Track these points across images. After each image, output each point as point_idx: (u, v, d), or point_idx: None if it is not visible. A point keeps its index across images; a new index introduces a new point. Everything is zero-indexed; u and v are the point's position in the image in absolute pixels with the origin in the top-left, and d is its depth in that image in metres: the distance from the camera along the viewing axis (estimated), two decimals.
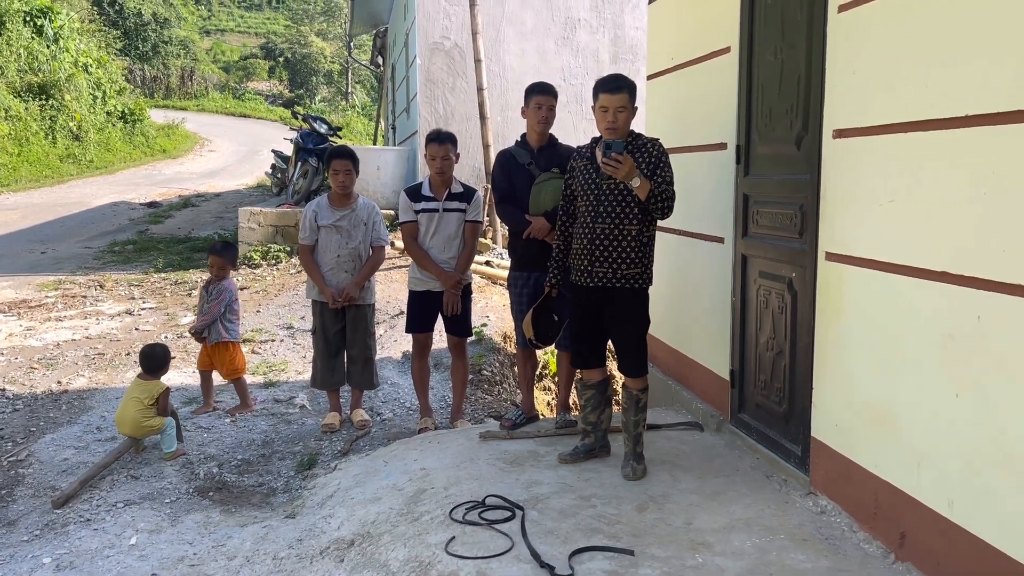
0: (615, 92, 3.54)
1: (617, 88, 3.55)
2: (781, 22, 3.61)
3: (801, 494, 3.39)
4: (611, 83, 3.58)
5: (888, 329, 2.88)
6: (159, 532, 3.70)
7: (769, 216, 3.74)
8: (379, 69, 21.45)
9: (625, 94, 3.55)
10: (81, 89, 22.49)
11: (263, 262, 9.48)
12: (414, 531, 3.26)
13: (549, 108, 4.34)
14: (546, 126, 4.37)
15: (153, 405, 4.48)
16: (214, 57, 49.27)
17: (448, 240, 4.71)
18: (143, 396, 4.48)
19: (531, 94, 4.37)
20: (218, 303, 5.20)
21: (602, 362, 3.83)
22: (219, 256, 5.29)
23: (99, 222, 13.94)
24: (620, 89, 3.55)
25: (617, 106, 3.53)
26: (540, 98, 4.33)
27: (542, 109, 4.33)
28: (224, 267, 5.30)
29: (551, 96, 4.37)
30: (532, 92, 4.37)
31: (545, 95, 4.35)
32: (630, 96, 3.56)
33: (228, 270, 5.35)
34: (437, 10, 10.77)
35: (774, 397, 3.74)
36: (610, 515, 3.25)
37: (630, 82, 3.60)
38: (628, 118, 3.58)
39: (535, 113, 4.34)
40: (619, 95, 3.54)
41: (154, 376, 4.64)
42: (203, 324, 5.22)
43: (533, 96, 4.35)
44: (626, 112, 3.56)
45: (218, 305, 5.20)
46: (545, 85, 4.42)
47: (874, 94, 2.93)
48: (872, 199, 2.94)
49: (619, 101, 3.53)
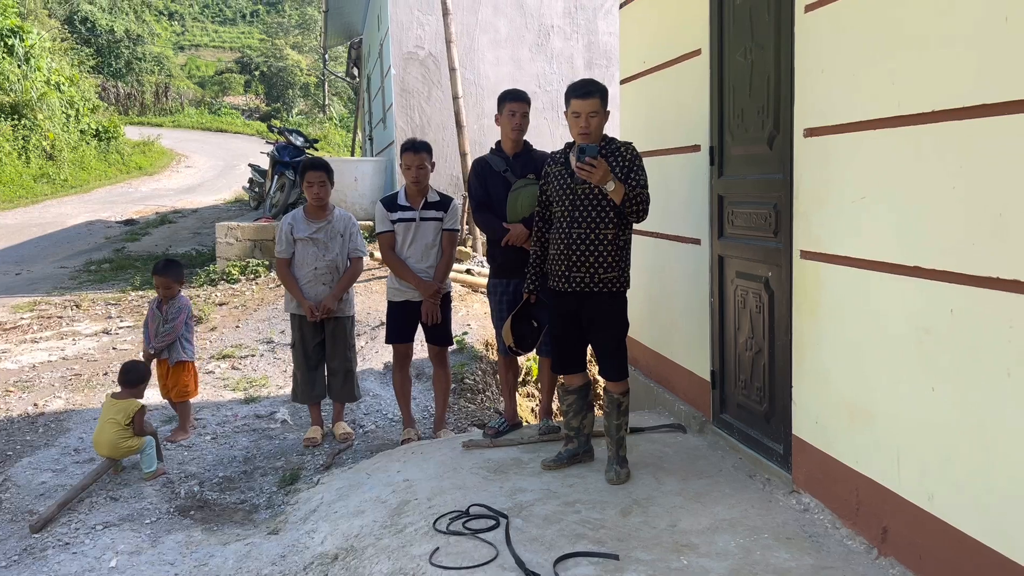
0: (587, 97, 3.55)
1: (588, 93, 3.55)
2: (750, 23, 3.63)
3: (784, 492, 3.40)
4: (582, 88, 3.58)
5: (864, 325, 2.89)
6: (139, 554, 3.65)
7: (744, 216, 3.75)
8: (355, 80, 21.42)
9: (597, 99, 3.55)
10: (54, 108, 22.29)
11: (242, 277, 9.41)
12: (398, 543, 3.23)
13: (523, 115, 4.35)
14: (520, 133, 4.37)
15: (129, 425, 4.42)
16: (189, 72, 49.01)
17: (426, 249, 4.70)
18: (119, 416, 4.41)
19: (504, 101, 4.37)
20: (180, 321, 5.02)
21: (583, 367, 3.83)
22: (162, 275, 5.03)
23: (75, 241, 13.80)
24: (592, 94, 3.55)
25: (589, 111, 3.54)
26: (513, 105, 4.34)
27: (516, 116, 4.33)
28: (170, 286, 5.04)
29: (524, 103, 4.37)
30: (505, 99, 4.37)
31: (518, 102, 4.35)
32: (602, 101, 3.57)
33: (176, 288, 5.09)
34: (410, 20, 10.78)
35: (755, 397, 3.75)
36: (594, 520, 3.24)
37: (602, 87, 3.60)
38: (601, 123, 3.59)
39: (509, 120, 4.34)
40: (591, 100, 3.54)
41: (132, 391, 4.57)
42: (164, 344, 4.98)
43: (506, 103, 4.35)
44: (598, 116, 3.56)
45: (180, 324, 5.02)
46: (518, 92, 4.42)
47: (842, 92, 2.95)
48: (844, 196, 2.96)
49: (591, 106, 3.54)
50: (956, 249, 2.43)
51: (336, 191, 5.05)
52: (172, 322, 5.02)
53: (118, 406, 4.46)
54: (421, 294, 4.67)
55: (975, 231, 2.35)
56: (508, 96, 4.38)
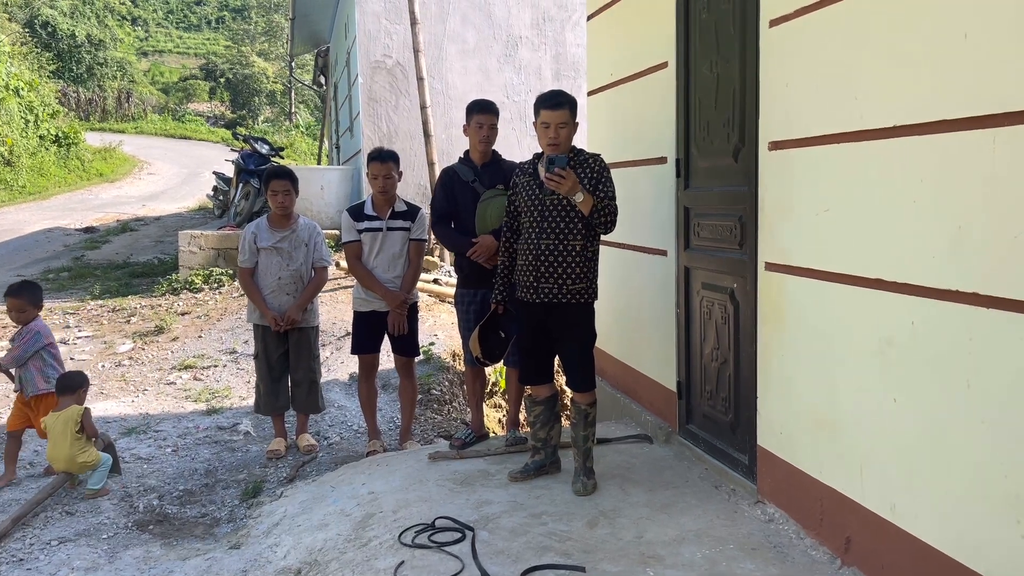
0: (556, 108, 3.55)
1: (558, 104, 3.56)
2: (716, 37, 3.67)
3: (749, 503, 3.42)
4: (552, 99, 3.59)
5: (827, 336, 2.92)
6: (96, 570, 3.56)
7: (710, 228, 3.78)
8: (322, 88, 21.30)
9: (566, 110, 3.56)
10: (12, 113, 21.82)
11: (205, 286, 9.27)
12: (362, 557, 3.19)
13: (491, 127, 4.34)
14: (488, 145, 4.37)
15: (80, 432, 4.29)
16: (152, 79, 48.32)
17: (393, 259, 4.67)
18: (68, 426, 4.27)
19: (471, 113, 4.36)
20: (20, 347, 4.51)
21: (550, 378, 3.82)
22: (15, 297, 4.56)
23: (32, 249, 13.49)
24: (561, 105, 3.56)
25: (559, 122, 3.54)
26: (481, 117, 4.33)
27: (483, 128, 4.32)
28: (24, 309, 4.56)
29: (492, 115, 4.36)
30: (472, 111, 4.37)
31: (485, 114, 4.35)
32: (571, 112, 3.58)
33: (31, 312, 4.59)
34: (378, 29, 10.74)
35: (720, 407, 3.77)
36: (561, 532, 3.23)
37: (571, 98, 3.61)
38: (570, 133, 3.59)
39: (476, 132, 4.33)
40: (560, 111, 3.55)
41: (72, 398, 4.40)
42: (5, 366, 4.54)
43: (474, 115, 4.34)
44: (568, 128, 3.57)
45: (20, 349, 4.50)
46: (485, 103, 4.41)
47: (806, 106, 2.99)
48: (808, 209, 2.99)
49: (560, 117, 3.55)
50: (917, 262, 2.46)
51: (302, 199, 5.01)
52: (15, 346, 4.54)
53: (63, 417, 4.32)
54: (387, 304, 4.63)
55: (935, 245, 2.38)
56: (475, 108, 4.37)
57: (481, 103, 4.41)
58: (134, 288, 9.94)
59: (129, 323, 8.21)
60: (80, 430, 4.29)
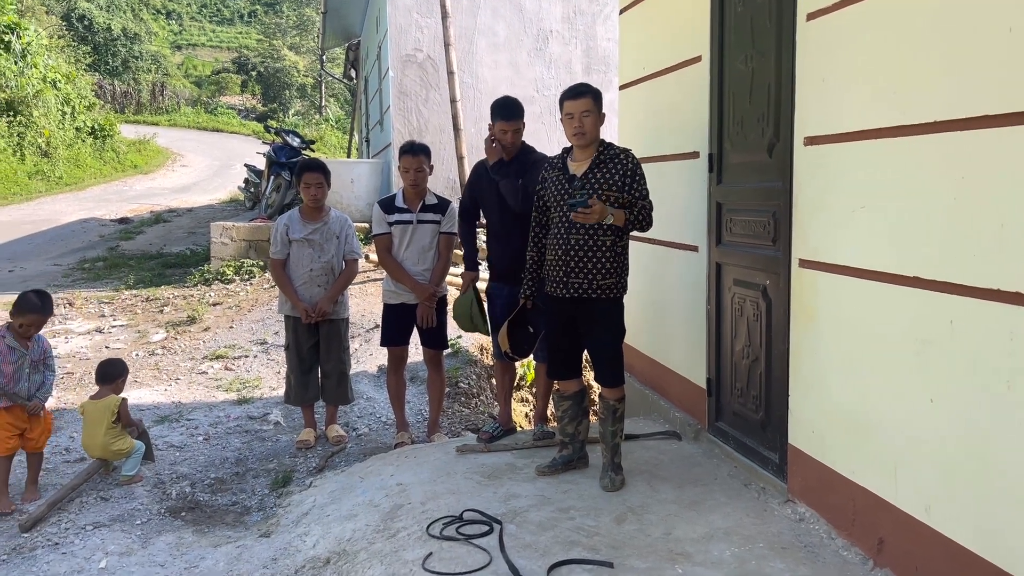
0: (577, 97, 3.57)
1: (580, 93, 3.58)
2: (751, 30, 3.63)
3: (779, 502, 3.39)
4: (573, 90, 3.62)
5: (862, 335, 2.88)
6: (130, 555, 3.62)
7: (742, 224, 3.74)
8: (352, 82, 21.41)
9: (588, 99, 3.56)
10: (50, 105, 22.20)
11: (236, 277, 9.37)
12: (391, 548, 3.21)
13: (514, 132, 4.24)
14: (512, 148, 4.29)
15: (117, 422, 4.37)
16: (186, 72, 48.91)
17: (422, 252, 4.68)
18: (105, 415, 4.35)
19: (494, 117, 4.25)
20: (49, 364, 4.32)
21: (578, 373, 3.81)
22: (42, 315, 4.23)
23: (68, 239, 13.73)
24: (583, 94, 3.57)
25: (581, 110, 3.54)
26: (505, 124, 4.20)
27: (507, 135, 4.24)
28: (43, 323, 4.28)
29: (515, 121, 4.23)
30: (494, 116, 4.25)
31: (509, 121, 4.21)
32: (594, 100, 3.57)
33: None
34: (409, 23, 10.77)
35: (751, 405, 3.73)
36: (589, 527, 3.22)
37: (594, 89, 3.62)
38: (595, 122, 3.58)
39: (501, 138, 4.25)
40: (582, 99, 3.56)
41: (111, 387, 4.47)
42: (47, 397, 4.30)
43: (497, 122, 4.24)
44: (591, 116, 3.56)
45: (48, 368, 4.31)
46: (508, 109, 4.23)
47: (843, 101, 2.94)
48: (844, 205, 2.95)
49: (582, 105, 3.55)
50: (956, 260, 2.42)
51: (332, 192, 5.03)
52: (50, 368, 4.33)
53: (99, 406, 4.38)
54: (417, 297, 4.65)
55: (976, 242, 2.34)
56: (497, 113, 4.23)
57: (504, 108, 4.23)
58: (167, 278, 10.08)
59: (162, 313, 8.32)
60: (116, 420, 4.36)
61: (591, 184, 3.54)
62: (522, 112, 4.30)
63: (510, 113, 4.24)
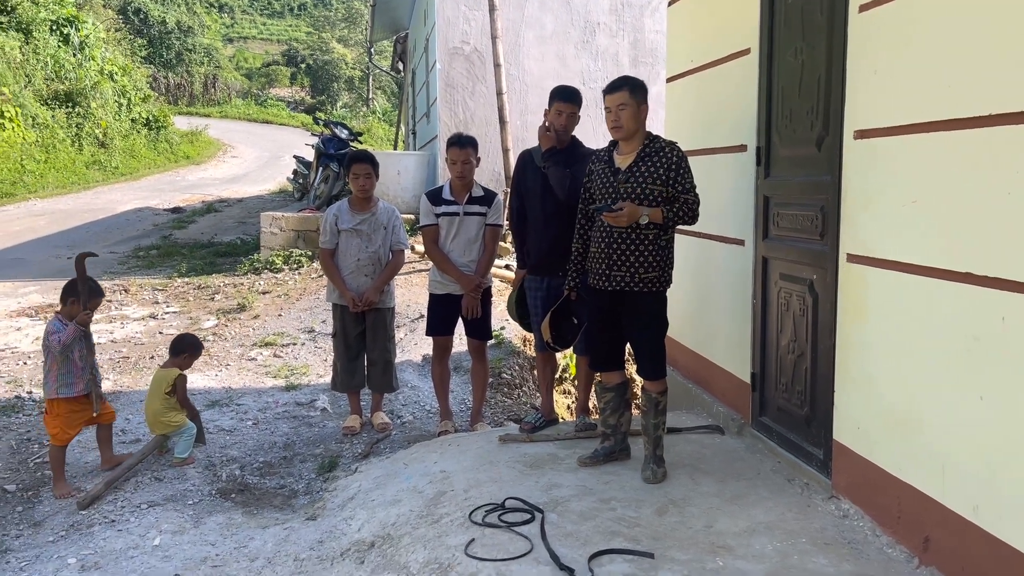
0: (613, 91, 3.59)
1: (616, 87, 3.60)
2: (801, 23, 3.59)
3: (823, 498, 3.36)
4: (610, 84, 3.64)
5: (911, 331, 2.85)
6: (182, 533, 3.74)
7: (790, 218, 3.72)
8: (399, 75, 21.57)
9: (624, 92, 3.56)
10: (106, 96, 22.81)
11: (285, 266, 9.55)
12: (434, 533, 3.27)
13: (570, 115, 4.29)
14: (566, 132, 4.33)
15: (170, 394, 4.50)
16: (237, 64, 49.73)
17: (468, 243, 4.73)
18: (160, 384, 4.52)
19: (553, 99, 4.32)
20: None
21: (621, 365, 3.82)
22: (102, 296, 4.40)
23: (124, 228, 14.11)
24: (619, 88, 3.58)
25: (617, 104, 3.56)
26: (561, 104, 4.27)
27: (563, 116, 4.28)
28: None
29: (573, 104, 4.28)
30: (554, 98, 4.32)
31: (567, 102, 4.27)
32: (631, 93, 3.57)
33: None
34: (457, 15, 10.82)
35: (795, 400, 3.71)
36: (630, 518, 3.24)
37: (633, 81, 3.62)
38: (633, 115, 3.57)
39: (556, 118, 4.30)
40: (617, 93, 3.57)
41: (175, 360, 4.65)
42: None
43: (555, 102, 4.30)
44: (628, 109, 3.56)
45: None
46: (568, 91, 4.32)
47: (895, 94, 2.91)
48: (894, 200, 2.92)
49: (618, 99, 3.56)
50: (1009, 256, 2.38)
51: (379, 184, 5.11)
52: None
53: (160, 374, 4.59)
54: (462, 288, 4.70)
55: None
56: (557, 94, 4.30)
57: (566, 91, 4.32)
58: (218, 267, 10.31)
59: (213, 300, 8.52)
60: (171, 392, 4.52)
61: (635, 177, 3.55)
62: (580, 100, 4.33)
63: (569, 96, 4.29)
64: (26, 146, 18.71)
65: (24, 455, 4.68)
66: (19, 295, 8.97)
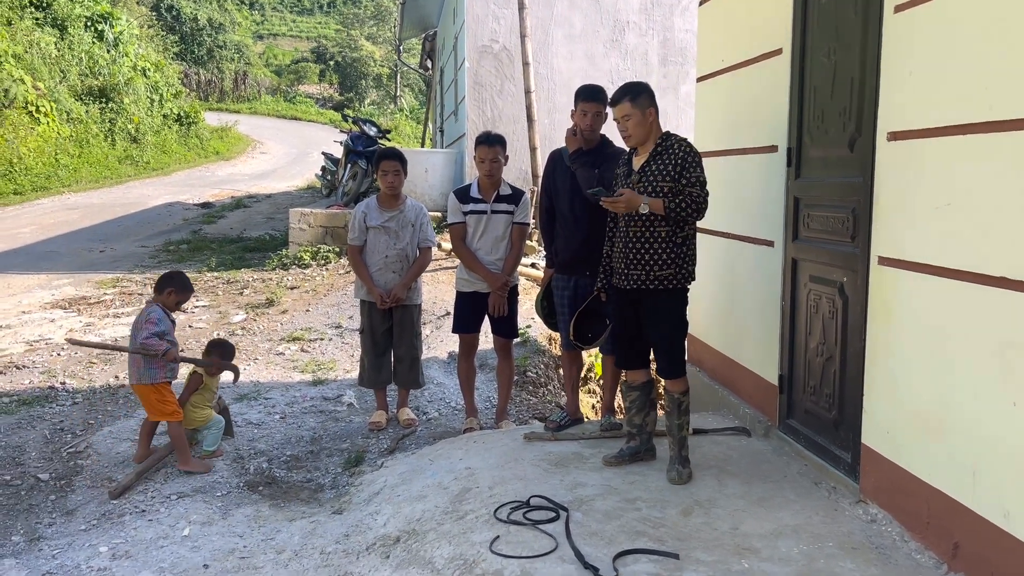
0: (615, 104, 3.68)
1: (615, 100, 3.68)
2: (835, 23, 3.56)
3: (850, 502, 3.34)
4: (612, 98, 3.71)
5: (943, 335, 2.82)
6: (211, 524, 3.79)
7: (820, 219, 3.69)
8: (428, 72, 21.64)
9: (624, 103, 3.62)
10: (139, 92, 23.13)
11: (313, 262, 9.63)
12: (459, 529, 3.28)
13: (595, 114, 4.27)
14: (592, 132, 4.32)
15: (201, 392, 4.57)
16: (266, 61, 50.18)
17: (496, 242, 4.74)
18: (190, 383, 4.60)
19: (578, 99, 4.31)
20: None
21: (645, 364, 3.82)
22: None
23: (155, 222, 14.30)
24: (618, 101, 3.66)
25: (621, 115, 3.64)
26: (586, 105, 4.25)
27: (588, 116, 4.26)
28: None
29: (598, 103, 4.26)
30: (578, 97, 4.31)
31: (591, 102, 4.25)
32: (632, 102, 3.60)
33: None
34: (486, 13, 10.84)
35: (824, 403, 3.68)
36: (655, 518, 3.24)
37: (633, 89, 3.65)
38: (639, 122, 3.61)
39: (580, 119, 4.29)
40: (618, 106, 3.65)
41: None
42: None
43: (579, 102, 4.28)
44: (633, 118, 3.61)
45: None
46: (592, 90, 4.30)
47: (931, 96, 2.87)
48: (928, 203, 2.89)
49: (621, 111, 3.64)
50: None
51: (407, 181, 5.14)
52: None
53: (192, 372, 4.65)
54: (489, 286, 4.72)
55: None
56: (581, 94, 4.30)
57: (588, 89, 4.31)
58: (247, 262, 10.42)
59: (242, 295, 8.61)
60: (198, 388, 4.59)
61: (647, 176, 3.58)
62: (605, 97, 4.29)
63: (593, 94, 4.28)
64: (60, 140, 19.03)
65: (57, 444, 4.77)
66: (53, 287, 9.14)
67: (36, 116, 18.26)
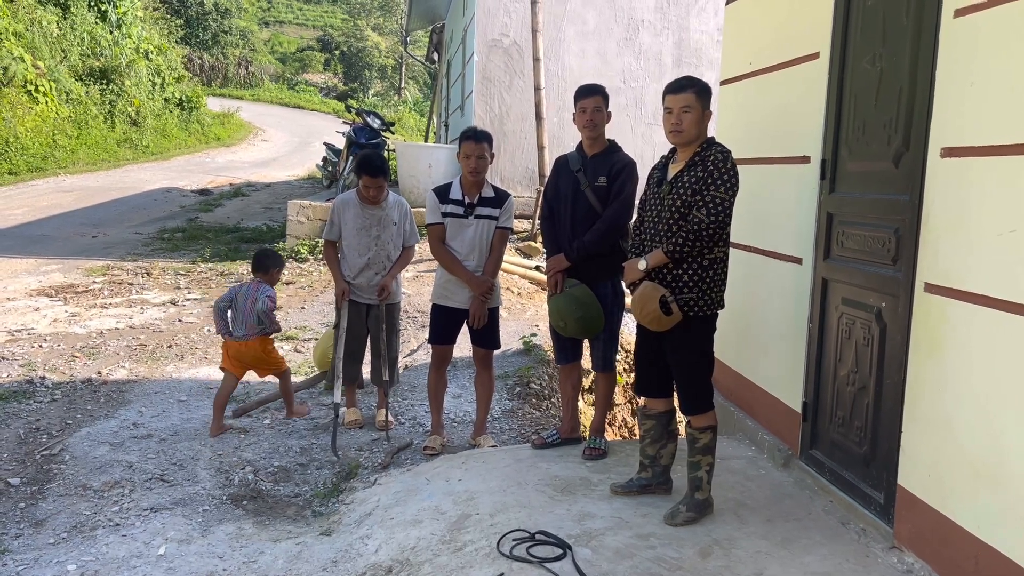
0: (678, 92, 3.30)
1: (681, 88, 3.30)
2: (882, 27, 3.28)
3: (883, 547, 3.08)
4: (676, 83, 3.35)
5: (998, 372, 2.56)
6: (189, 543, 3.53)
7: (857, 238, 3.42)
8: (434, 65, 21.36)
9: (690, 94, 3.27)
10: (141, 75, 22.77)
11: (310, 256, 9.34)
12: (457, 563, 3.02)
13: (594, 109, 4.02)
14: (593, 129, 4.06)
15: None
16: (271, 48, 49.79)
17: (473, 246, 4.44)
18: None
19: (575, 99, 4.09)
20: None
21: (668, 393, 3.53)
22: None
23: (150, 208, 14.00)
24: (684, 88, 3.29)
25: (681, 106, 3.27)
26: (584, 101, 4.03)
27: (586, 112, 4.02)
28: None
29: (595, 96, 4.03)
30: (576, 97, 4.09)
31: (588, 97, 4.03)
32: (697, 96, 3.28)
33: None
34: (497, 7, 10.55)
35: (853, 436, 3.42)
36: (671, 559, 2.97)
37: (700, 83, 3.33)
38: (696, 120, 3.28)
39: (580, 117, 4.05)
40: (683, 94, 3.28)
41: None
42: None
43: (577, 100, 4.07)
44: (693, 113, 3.27)
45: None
46: (588, 87, 4.09)
47: (995, 109, 2.60)
48: (987, 227, 2.62)
49: (683, 100, 3.27)
50: None
51: (410, 177, 4.97)
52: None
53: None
54: (471, 290, 4.41)
55: None
56: (578, 93, 4.09)
57: (584, 87, 4.10)
58: (242, 253, 10.12)
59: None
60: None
61: (676, 189, 3.27)
62: (601, 90, 4.08)
63: (588, 90, 4.07)
64: (59, 121, 18.69)
65: (32, 446, 4.50)
66: (40, 273, 8.85)
67: (35, 95, 17.91)
